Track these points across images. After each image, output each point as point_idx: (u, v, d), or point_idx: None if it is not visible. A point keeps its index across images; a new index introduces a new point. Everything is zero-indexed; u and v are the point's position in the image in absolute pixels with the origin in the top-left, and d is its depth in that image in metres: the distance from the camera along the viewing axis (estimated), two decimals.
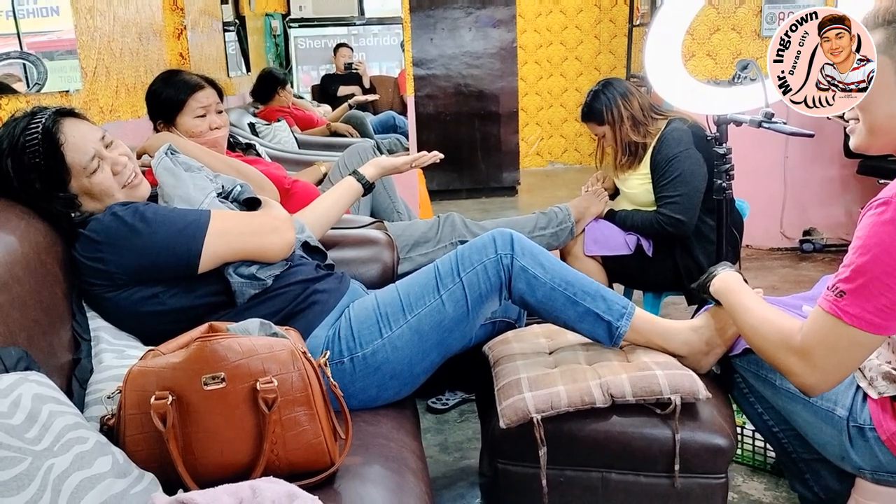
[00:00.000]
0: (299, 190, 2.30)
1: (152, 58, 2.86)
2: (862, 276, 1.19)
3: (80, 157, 1.42)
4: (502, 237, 1.57)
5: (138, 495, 1.03)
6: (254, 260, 1.51)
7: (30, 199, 1.40)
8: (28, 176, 1.38)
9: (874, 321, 1.19)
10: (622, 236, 2.53)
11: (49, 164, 1.38)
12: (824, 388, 1.29)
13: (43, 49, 2.04)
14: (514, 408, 1.45)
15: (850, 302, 1.20)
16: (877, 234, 1.18)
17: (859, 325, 1.20)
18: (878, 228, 1.18)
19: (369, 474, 1.24)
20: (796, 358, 1.28)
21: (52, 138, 1.39)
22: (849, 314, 1.20)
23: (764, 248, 4.18)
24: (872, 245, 1.18)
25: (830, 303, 1.23)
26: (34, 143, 1.38)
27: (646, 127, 2.50)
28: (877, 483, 1.36)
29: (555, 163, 7.36)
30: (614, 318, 1.57)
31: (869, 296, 1.18)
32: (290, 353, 1.17)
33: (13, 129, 1.40)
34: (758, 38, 4.11)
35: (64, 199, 1.41)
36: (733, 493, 1.95)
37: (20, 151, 1.37)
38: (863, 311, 1.19)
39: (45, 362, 1.21)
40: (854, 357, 1.24)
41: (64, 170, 1.40)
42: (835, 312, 1.22)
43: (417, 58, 5.58)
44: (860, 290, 1.19)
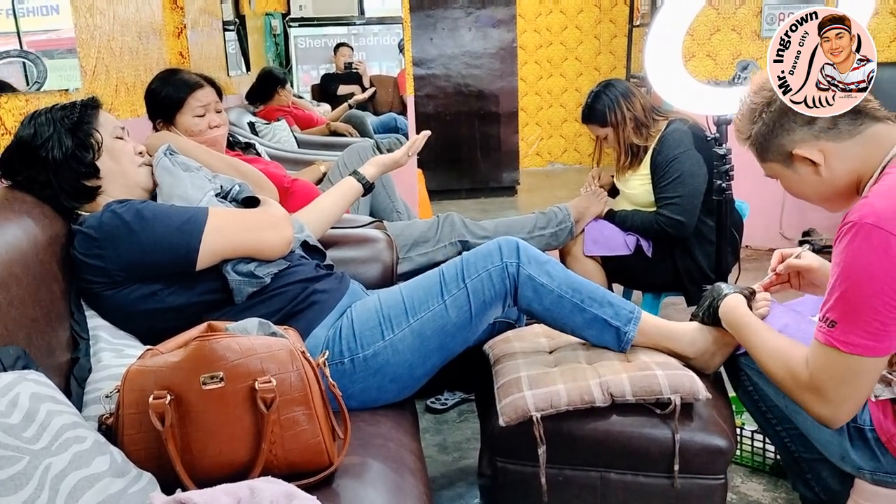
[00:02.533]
0: (299, 189, 2.30)
1: (152, 57, 2.86)
2: (847, 304, 1.19)
3: (111, 121, 1.56)
4: (508, 245, 1.56)
5: (136, 495, 1.03)
6: (252, 257, 1.51)
7: (56, 156, 1.44)
8: (63, 126, 1.46)
9: (869, 345, 1.19)
10: (622, 237, 2.53)
11: (85, 113, 1.50)
12: (843, 418, 1.28)
13: (43, 48, 2.04)
14: (513, 406, 1.45)
15: (843, 330, 1.20)
16: (851, 258, 1.18)
17: (857, 352, 1.20)
18: (852, 252, 1.18)
19: (368, 474, 1.24)
20: (809, 394, 1.28)
21: (89, 106, 1.53)
22: (844, 342, 1.20)
23: (763, 249, 4.17)
24: (850, 271, 1.19)
25: (825, 334, 1.23)
26: (72, 106, 1.51)
27: (647, 129, 2.50)
28: (876, 484, 1.36)
29: (554, 163, 7.36)
30: (622, 324, 1.56)
31: (858, 321, 1.18)
32: (289, 352, 1.17)
33: (48, 107, 1.51)
34: (758, 39, 4.11)
35: (91, 147, 1.49)
36: (732, 493, 1.95)
37: (58, 117, 1.48)
38: (856, 338, 1.19)
39: (44, 361, 1.21)
40: (863, 383, 1.24)
41: (97, 122, 1.51)
42: (830, 343, 1.22)
43: (417, 57, 5.58)
44: (848, 317, 1.19)
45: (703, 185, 2.43)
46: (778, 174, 1.40)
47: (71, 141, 1.46)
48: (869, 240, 1.16)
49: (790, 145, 1.33)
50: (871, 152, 1.29)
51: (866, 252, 1.16)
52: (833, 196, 1.36)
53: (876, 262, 1.16)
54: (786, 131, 1.32)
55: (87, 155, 1.48)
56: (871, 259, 1.16)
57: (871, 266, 1.16)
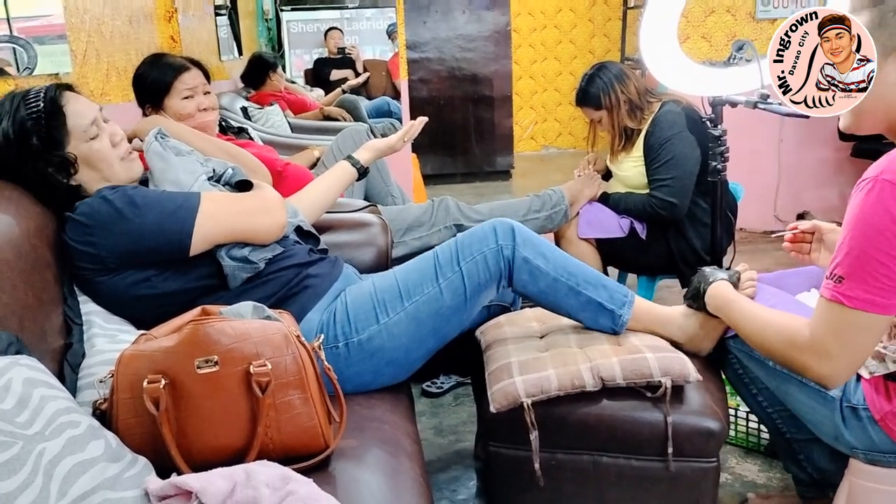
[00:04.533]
0: (292, 173, 2.29)
1: (143, 41, 2.84)
2: (857, 259, 1.18)
3: (81, 120, 1.44)
4: (503, 227, 1.56)
5: (132, 479, 1.03)
6: (245, 241, 1.51)
7: (26, 160, 1.39)
8: (28, 135, 1.38)
9: (876, 301, 1.18)
10: (616, 219, 2.53)
11: (50, 123, 1.40)
12: (843, 377, 1.27)
13: (33, 34, 2.02)
14: (504, 392, 1.45)
15: (850, 285, 1.19)
16: (864, 212, 1.17)
17: (863, 307, 1.19)
18: (866, 207, 1.17)
19: (364, 457, 1.24)
20: (808, 354, 1.27)
21: (55, 101, 1.42)
22: (850, 298, 1.19)
23: (758, 232, 4.18)
24: (862, 224, 1.18)
25: (831, 290, 1.22)
26: (37, 103, 1.40)
27: (641, 111, 2.49)
28: (870, 463, 1.36)
29: (549, 147, 7.34)
30: (617, 307, 1.57)
31: (867, 276, 1.18)
32: (284, 336, 1.17)
33: (12, 97, 1.42)
34: (752, 21, 4.09)
35: (61, 160, 1.41)
36: (727, 474, 1.96)
37: (21, 112, 1.39)
38: (864, 293, 1.18)
39: (37, 347, 1.21)
40: (865, 341, 1.23)
41: (64, 131, 1.42)
42: (836, 299, 1.21)
43: (411, 41, 5.54)
44: (857, 271, 1.18)
45: (696, 166, 2.43)
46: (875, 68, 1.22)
47: (43, 164, 1.40)
48: (884, 196, 1.15)
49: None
50: None
51: (881, 209, 1.15)
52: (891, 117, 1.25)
53: (889, 219, 1.15)
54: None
55: (62, 177, 1.43)
56: (885, 215, 1.15)
57: (883, 222, 1.15)
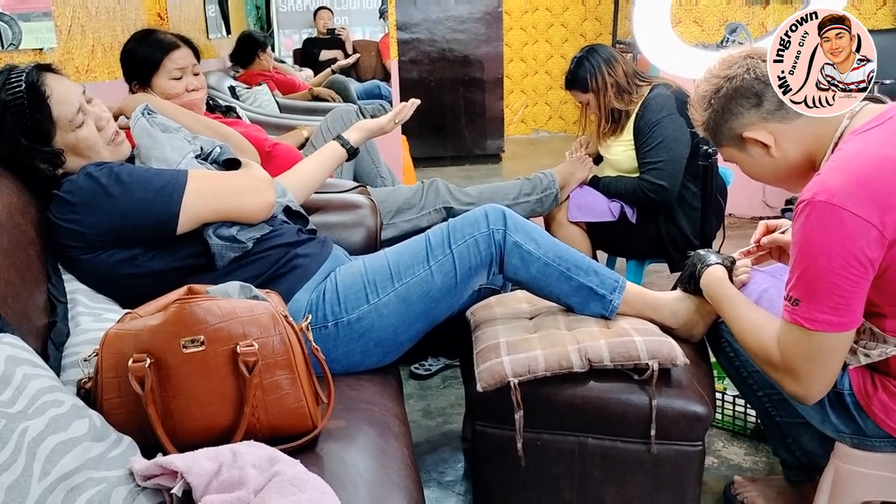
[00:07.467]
0: (280, 153, 2.27)
1: (129, 17, 2.79)
2: (808, 282, 1.20)
3: (66, 109, 1.40)
4: (495, 212, 1.55)
5: (116, 459, 1.02)
6: (233, 221, 1.49)
7: (12, 154, 1.36)
8: (13, 131, 1.35)
9: (833, 320, 1.20)
10: (606, 203, 2.52)
11: (35, 118, 1.36)
12: (816, 394, 1.29)
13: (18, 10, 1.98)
14: (491, 371, 1.45)
15: (807, 307, 1.21)
16: (807, 236, 1.19)
17: (822, 328, 1.20)
18: (806, 230, 1.19)
19: (352, 438, 1.23)
20: (782, 373, 1.30)
21: (38, 91, 1.37)
22: (809, 320, 1.21)
23: (746, 217, 4.19)
24: (807, 249, 1.19)
25: (790, 313, 1.24)
26: (19, 96, 1.35)
27: (629, 95, 2.48)
28: (856, 447, 1.37)
29: (539, 130, 7.32)
30: (608, 292, 1.57)
31: (821, 298, 1.19)
32: (271, 316, 1.16)
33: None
34: (745, 5, 4.08)
35: (48, 154, 1.39)
36: (713, 457, 1.97)
37: (4, 105, 1.35)
38: (820, 314, 1.20)
39: (20, 325, 1.19)
40: (831, 359, 1.24)
41: (50, 124, 1.38)
42: (796, 321, 1.23)
43: (401, 22, 5.49)
44: (810, 294, 1.20)
45: (685, 149, 2.42)
46: (734, 158, 1.43)
47: (29, 157, 1.37)
48: (822, 217, 1.17)
49: (740, 129, 1.36)
50: (821, 130, 1.30)
51: (820, 229, 1.17)
52: (789, 176, 1.38)
53: (831, 239, 1.16)
54: (734, 116, 1.36)
55: (48, 168, 1.40)
56: (826, 236, 1.17)
57: (826, 243, 1.17)
